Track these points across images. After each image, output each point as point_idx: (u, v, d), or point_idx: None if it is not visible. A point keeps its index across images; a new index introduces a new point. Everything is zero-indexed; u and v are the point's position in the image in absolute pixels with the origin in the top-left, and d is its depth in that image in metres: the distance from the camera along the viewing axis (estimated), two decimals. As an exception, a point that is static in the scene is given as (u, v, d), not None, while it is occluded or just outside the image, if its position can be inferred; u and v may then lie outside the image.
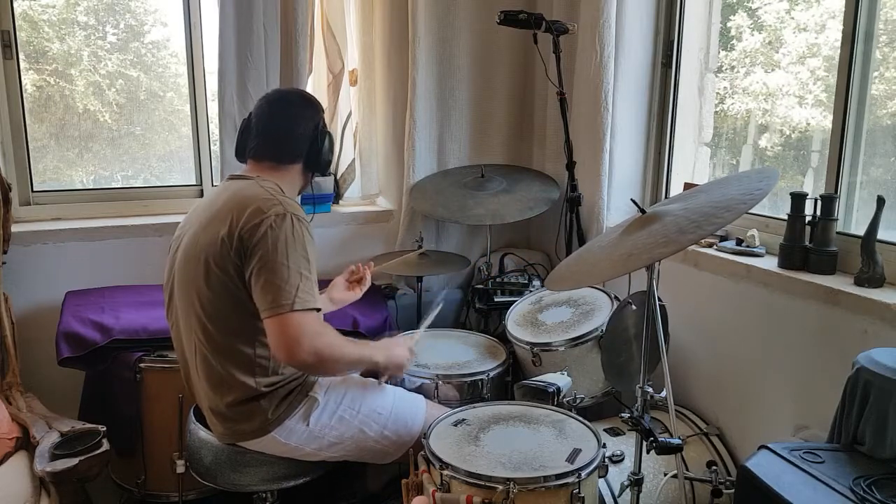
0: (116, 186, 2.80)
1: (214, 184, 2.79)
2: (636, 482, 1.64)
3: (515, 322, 2.23)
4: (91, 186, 2.78)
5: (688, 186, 2.30)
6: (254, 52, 2.48)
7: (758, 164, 2.37)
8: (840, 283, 1.72)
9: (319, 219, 2.71)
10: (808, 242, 1.85)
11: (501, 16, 2.28)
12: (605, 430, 2.01)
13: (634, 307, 1.84)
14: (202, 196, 2.77)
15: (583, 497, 1.50)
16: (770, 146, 2.34)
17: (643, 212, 1.62)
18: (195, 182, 2.82)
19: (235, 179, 1.80)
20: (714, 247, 2.12)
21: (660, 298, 1.61)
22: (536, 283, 2.59)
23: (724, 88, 2.49)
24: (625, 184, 2.58)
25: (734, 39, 2.43)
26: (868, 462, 1.33)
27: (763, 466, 1.33)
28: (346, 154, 2.87)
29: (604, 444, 1.62)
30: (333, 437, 1.79)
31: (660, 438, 1.47)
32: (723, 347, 2.10)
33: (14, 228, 2.34)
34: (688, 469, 1.86)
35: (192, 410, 1.90)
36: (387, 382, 1.91)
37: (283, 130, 1.82)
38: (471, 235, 2.95)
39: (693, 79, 2.49)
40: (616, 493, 1.79)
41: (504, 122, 2.93)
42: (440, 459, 1.56)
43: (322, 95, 2.75)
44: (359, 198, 3.01)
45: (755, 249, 2.02)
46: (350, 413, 1.81)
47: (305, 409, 1.76)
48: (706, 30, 2.46)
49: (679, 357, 2.20)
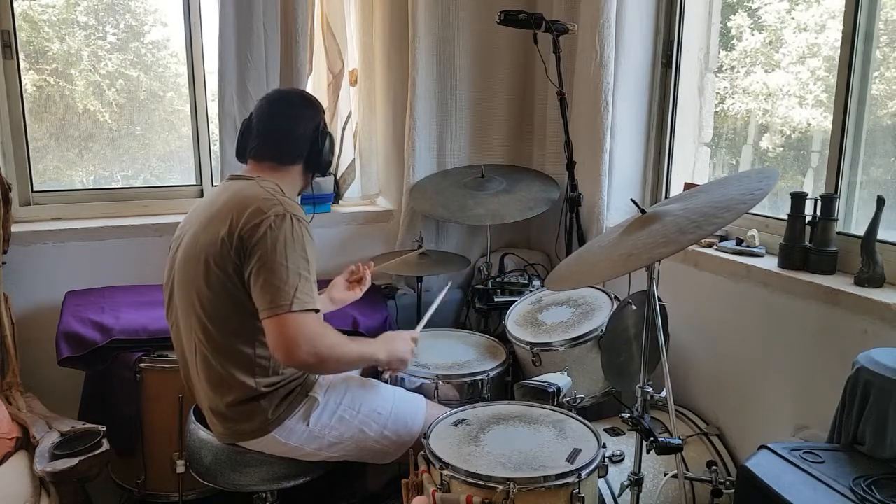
0: (116, 186, 2.80)
1: (214, 184, 2.79)
2: (636, 482, 1.64)
3: (515, 322, 2.23)
4: (91, 186, 2.77)
5: (688, 186, 2.30)
6: (254, 52, 2.48)
7: (758, 164, 2.37)
8: (840, 283, 1.72)
9: (319, 219, 2.71)
10: (808, 242, 1.85)
11: (501, 16, 2.28)
12: (605, 430, 2.01)
13: (634, 307, 1.84)
14: (202, 196, 2.77)
15: (583, 497, 1.50)
16: (770, 146, 2.34)
17: (643, 212, 1.62)
18: (195, 182, 2.82)
19: (235, 179, 1.80)
20: (714, 247, 2.12)
21: (660, 298, 1.61)
22: (536, 283, 2.59)
23: (725, 88, 2.49)
24: (625, 184, 2.58)
25: (734, 39, 2.42)
26: (868, 462, 1.33)
27: (763, 466, 1.33)
28: (346, 154, 2.87)
29: (604, 444, 1.61)
30: (333, 437, 1.79)
31: (660, 438, 1.47)
32: (723, 347, 2.10)
33: (14, 228, 2.34)
34: (688, 469, 1.86)
35: (192, 410, 1.90)
36: (388, 380, 1.90)
37: (284, 131, 1.82)
38: (471, 235, 2.95)
39: (693, 79, 2.49)
40: (616, 493, 1.79)
41: (504, 122, 2.93)
42: (440, 459, 1.56)
43: (322, 95, 2.75)
44: (359, 198, 3.01)
45: (755, 249, 2.02)
46: (350, 413, 1.81)
47: (305, 409, 1.76)
48: (706, 30, 2.46)
49: (679, 357, 2.20)
